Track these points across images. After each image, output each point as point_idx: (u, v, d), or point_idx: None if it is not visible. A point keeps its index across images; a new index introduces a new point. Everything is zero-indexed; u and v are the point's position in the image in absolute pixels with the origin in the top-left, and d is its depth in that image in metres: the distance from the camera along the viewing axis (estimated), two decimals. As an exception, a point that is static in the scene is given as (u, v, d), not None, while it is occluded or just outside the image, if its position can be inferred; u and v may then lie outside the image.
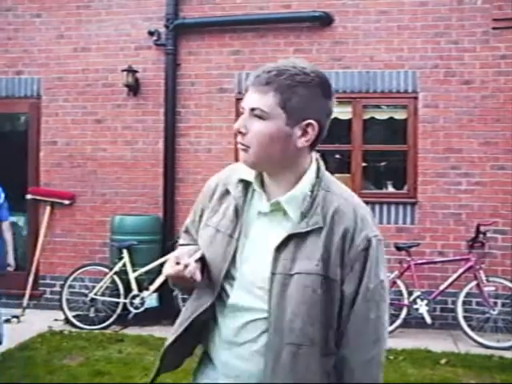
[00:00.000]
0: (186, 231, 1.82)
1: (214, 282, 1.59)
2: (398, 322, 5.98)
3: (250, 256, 1.57)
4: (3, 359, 5.04)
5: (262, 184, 1.61)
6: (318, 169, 1.59)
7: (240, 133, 1.53)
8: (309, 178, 1.57)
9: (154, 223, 6.65)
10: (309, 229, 1.50)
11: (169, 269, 1.55)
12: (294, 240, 1.51)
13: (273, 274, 1.51)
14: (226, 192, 1.64)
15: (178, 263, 1.53)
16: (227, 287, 1.59)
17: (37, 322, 6.33)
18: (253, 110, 1.51)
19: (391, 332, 5.95)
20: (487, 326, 5.87)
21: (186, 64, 6.83)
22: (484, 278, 5.84)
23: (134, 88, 6.86)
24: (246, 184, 1.63)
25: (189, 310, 1.66)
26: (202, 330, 1.67)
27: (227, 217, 1.60)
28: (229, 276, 1.58)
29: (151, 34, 6.88)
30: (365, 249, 1.51)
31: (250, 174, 1.61)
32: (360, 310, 1.53)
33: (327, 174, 1.61)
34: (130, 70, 6.76)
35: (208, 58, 6.83)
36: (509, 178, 6.28)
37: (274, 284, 1.51)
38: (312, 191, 1.55)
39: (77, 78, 7.07)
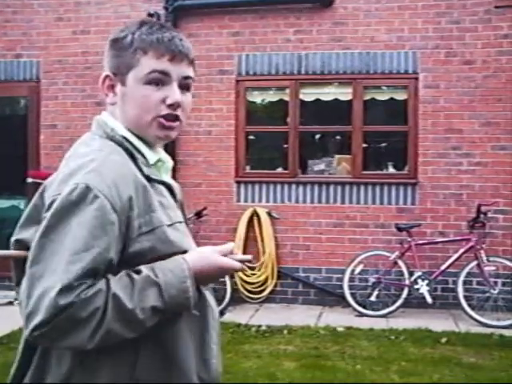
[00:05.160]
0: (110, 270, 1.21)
1: None
2: (399, 302, 6.03)
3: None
4: (8, 340, 5.09)
5: None
6: None
7: (179, 106, 1.39)
8: None
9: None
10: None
11: (237, 264, 1.33)
12: None
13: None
14: (145, 187, 1.29)
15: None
16: None
17: (40, 304, 6.36)
18: (186, 78, 1.41)
19: (393, 312, 6.02)
20: (487, 305, 5.90)
21: (186, 46, 6.78)
22: (485, 258, 5.86)
23: (134, 70, 6.82)
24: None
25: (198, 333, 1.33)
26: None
27: (172, 206, 1.36)
28: None
29: (151, 15, 6.81)
30: None
31: (151, 154, 1.47)
32: None
33: None
34: (130, 53, 6.72)
35: (208, 39, 6.79)
36: (510, 159, 6.28)
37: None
38: None
39: (76, 61, 7.03)
